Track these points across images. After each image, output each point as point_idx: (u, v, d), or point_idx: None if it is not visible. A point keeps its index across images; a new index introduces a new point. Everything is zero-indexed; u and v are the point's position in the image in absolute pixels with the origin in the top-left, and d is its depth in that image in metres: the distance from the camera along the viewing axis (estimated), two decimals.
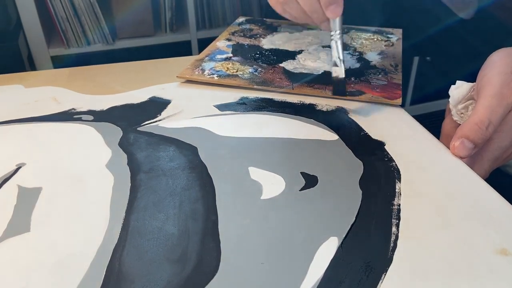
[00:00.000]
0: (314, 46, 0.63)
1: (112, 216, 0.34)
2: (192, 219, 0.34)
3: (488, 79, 0.41)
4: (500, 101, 0.39)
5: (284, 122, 0.47)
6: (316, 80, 0.54)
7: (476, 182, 0.38)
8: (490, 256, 0.31)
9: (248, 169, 0.39)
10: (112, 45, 1.53)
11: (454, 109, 0.45)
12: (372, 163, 0.40)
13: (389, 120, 0.47)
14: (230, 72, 0.56)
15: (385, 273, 0.29)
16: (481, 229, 0.33)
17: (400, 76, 0.55)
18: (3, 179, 0.38)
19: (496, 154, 0.41)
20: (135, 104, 0.50)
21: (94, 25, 1.48)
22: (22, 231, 0.33)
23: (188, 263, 0.30)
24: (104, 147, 0.43)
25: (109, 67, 0.61)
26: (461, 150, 0.40)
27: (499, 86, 0.40)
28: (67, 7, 1.43)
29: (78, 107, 0.50)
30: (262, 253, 0.31)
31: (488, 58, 0.44)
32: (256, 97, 0.52)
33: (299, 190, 0.37)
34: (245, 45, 0.64)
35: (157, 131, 0.45)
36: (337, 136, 0.44)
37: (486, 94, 0.40)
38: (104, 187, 0.37)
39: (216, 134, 0.45)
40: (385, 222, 0.34)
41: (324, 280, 0.29)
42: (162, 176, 0.38)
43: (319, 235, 0.32)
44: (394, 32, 0.69)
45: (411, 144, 0.43)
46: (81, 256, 0.31)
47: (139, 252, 0.31)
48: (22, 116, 0.48)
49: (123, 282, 0.29)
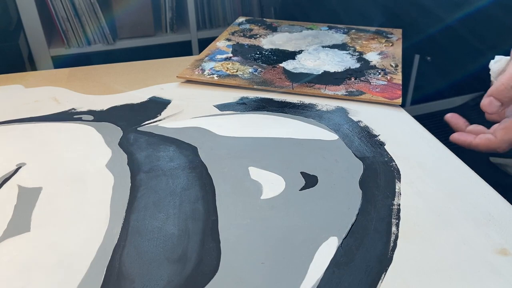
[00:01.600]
0: (314, 46, 0.63)
1: (112, 216, 0.34)
2: (192, 219, 0.34)
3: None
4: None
5: (284, 122, 0.47)
6: (316, 80, 0.54)
7: (476, 182, 0.38)
8: (490, 256, 0.31)
9: (248, 169, 0.39)
10: (112, 45, 1.53)
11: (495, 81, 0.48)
12: (372, 163, 0.40)
13: (389, 120, 0.47)
14: (230, 72, 0.56)
15: (385, 273, 0.29)
16: (481, 229, 0.33)
17: (400, 76, 0.55)
18: (3, 179, 0.38)
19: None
20: (135, 104, 0.50)
21: (95, 25, 1.48)
22: (22, 231, 0.33)
23: (188, 263, 0.30)
24: (104, 147, 0.43)
25: (109, 67, 0.61)
26: (488, 107, 0.44)
27: None
28: (68, 7, 1.43)
29: (78, 107, 0.50)
30: (262, 253, 0.31)
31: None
32: (256, 97, 0.52)
33: (299, 190, 0.37)
34: (245, 45, 0.64)
35: (157, 131, 0.45)
36: (337, 136, 0.44)
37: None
38: (104, 187, 0.37)
39: (216, 134, 0.45)
40: (385, 222, 0.34)
41: (324, 280, 0.29)
42: (162, 176, 0.38)
43: (319, 235, 0.32)
44: (394, 32, 0.69)
45: (411, 144, 0.43)
46: (81, 256, 0.31)
47: (139, 252, 0.31)
48: (22, 116, 0.48)
49: (123, 281, 0.29)
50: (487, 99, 0.45)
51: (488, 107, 0.45)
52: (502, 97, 0.44)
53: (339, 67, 0.57)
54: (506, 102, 0.45)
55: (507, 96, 0.44)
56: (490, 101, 0.45)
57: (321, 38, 0.66)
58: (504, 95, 0.44)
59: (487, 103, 0.45)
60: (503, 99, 0.44)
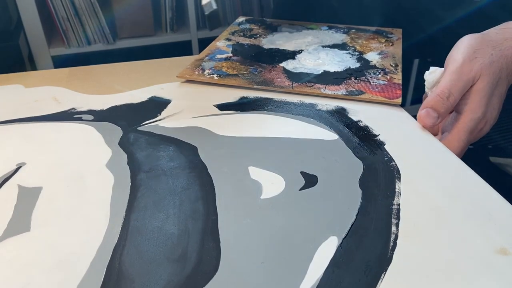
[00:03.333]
0: (314, 46, 0.63)
1: (112, 215, 0.34)
2: (192, 218, 0.34)
3: (453, 59, 0.47)
4: (460, 76, 0.45)
5: (284, 122, 0.47)
6: (316, 79, 0.54)
7: (476, 182, 0.38)
8: (490, 256, 0.31)
9: (248, 169, 0.39)
10: (112, 45, 1.53)
11: (429, 92, 0.49)
12: (372, 163, 0.40)
13: (389, 120, 0.47)
14: (230, 72, 0.56)
15: (384, 273, 0.29)
16: (481, 229, 0.33)
17: (400, 76, 0.55)
18: (3, 179, 0.38)
19: (471, 125, 0.45)
20: (135, 104, 0.50)
21: (95, 25, 1.48)
22: (22, 231, 0.33)
23: (188, 262, 0.30)
24: (104, 146, 0.43)
25: (109, 67, 0.61)
26: (426, 119, 0.45)
27: (461, 63, 0.45)
28: (68, 6, 1.43)
29: (78, 107, 0.50)
30: (262, 253, 0.31)
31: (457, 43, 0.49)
32: (256, 97, 0.52)
33: (299, 190, 0.37)
34: (245, 45, 0.64)
35: (157, 131, 0.45)
36: (337, 136, 0.44)
37: (449, 70, 0.46)
38: (104, 186, 0.37)
39: (216, 134, 0.45)
40: (385, 222, 0.34)
41: (324, 280, 0.29)
42: (162, 176, 0.38)
43: (319, 235, 0.32)
44: (394, 32, 0.69)
45: (411, 144, 0.43)
46: (81, 256, 0.31)
47: (139, 251, 0.31)
48: (22, 116, 0.48)
49: (123, 281, 0.29)
50: (424, 111, 0.45)
51: (426, 119, 0.45)
52: (439, 108, 0.45)
53: (339, 67, 0.57)
54: (443, 113, 0.45)
55: (443, 107, 0.45)
56: (428, 113, 0.45)
57: (321, 38, 0.66)
58: (441, 105, 0.45)
59: (424, 114, 0.45)
60: (440, 110, 0.45)
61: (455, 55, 0.47)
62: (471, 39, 0.48)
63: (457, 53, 0.47)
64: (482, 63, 0.45)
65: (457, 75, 0.45)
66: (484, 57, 0.45)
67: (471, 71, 0.45)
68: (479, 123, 0.45)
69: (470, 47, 0.46)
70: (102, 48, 1.52)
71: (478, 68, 0.45)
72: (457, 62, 0.46)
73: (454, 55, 0.47)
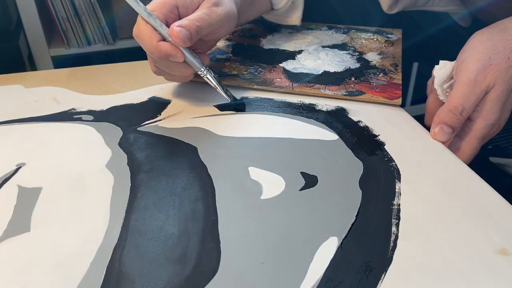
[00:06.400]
0: (314, 46, 0.63)
1: (112, 216, 0.34)
2: (192, 219, 0.34)
3: (466, 65, 0.43)
4: (473, 88, 0.42)
5: (284, 122, 0.47)
6: (316, 80, 0.54)
7: (476, 182, 0.38)
8: (490, 256, 0.31)
9: (248, 169, 0.39)
10: (112, 45, 1.53)
11: (439, 88, 0.47)
12: (372, 163, 0.40)
13: (389, 120, 0.47)
14: (230, 72, 0.56)
15: (385, 273, 0.29)
16: (481, 229, 0.33)
17: (400, 76, 0.55)
18: (3, 179, 0.38)
19: (484, 132, 0.44)
20: (135, 104, 0.50)
21: (95, 25, 1.48)
22: (22, 231, 0.33)
23: (188, 263, 0.30)
24: (104, 147, 0.43)
25: (109, 67, 0.61)
26: (441, 135, 0.43)
27: (475, 73, 0.42)
28: (68, 7, 1.42)
29: (78, 107, 0.50)
30: (262, 253, 0.31)
31: (470, 39, 0.46)
32: (256, 97, 0.52)
33: (299, 190, 0.37)
34: (245, 45, 0.64)
35: (157, 131, 0.45)
36: (337, 136, 0.44)
37: (461, 81, 0.43)
38: (104, 187, 0.37)
39: (216, 134, 0.45)
40: (385, 222, 0.34)
41: (324, 280, 0.29)
42: (162, 176, 0.38)
43: (319, 235, 0.32)
44: (394, 32, 0.69)
45: (411, 144, 0.43)
46: (81, 256, 0.31)
47: (139, 252, 0.31)
48: (22, 116, 0.48)
49: (123, 281, 0.29)
50: (439, 128, 0.43)
51: (442, 136, 0.43)
52: (454, 124, 0.43)
53: (339, 67, 0.57)
54: (457, 128, 0.43)
55: (457, 122, 0.43)
56: (442, 130, 0.43)
57: (321, 38, 0.66)
58: (455, 121, 0.43)
59: (439, 132, 0.43)
60: (454, 126, 0.43)
61: (468, 60, 0.44)
62: (486, 40, 0.44)
63: (471, 59, 0.43)
64: (497, 71, 0.42)
65: (470, 88, 0.42)
66: (500, 63, 0.42)
67: (484, 80, 0.42)
68: (492, 128, 0.44)
69: (486, 52, 0.43)
70: (102, 48, 1.52)
71: (492, 78, 0.42)
72: (469, 73, 0.43)
73: (466, 60, 0.44)
